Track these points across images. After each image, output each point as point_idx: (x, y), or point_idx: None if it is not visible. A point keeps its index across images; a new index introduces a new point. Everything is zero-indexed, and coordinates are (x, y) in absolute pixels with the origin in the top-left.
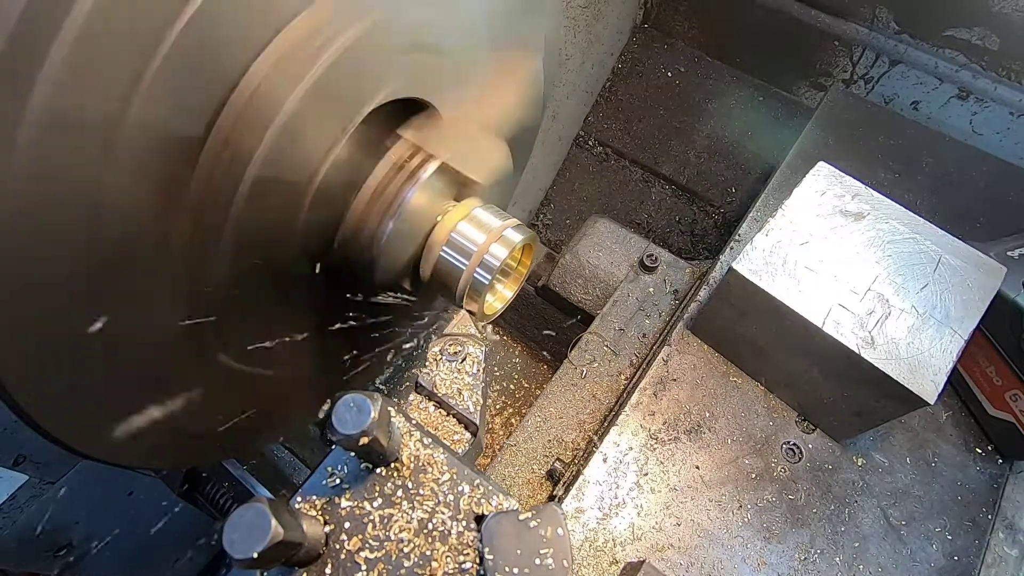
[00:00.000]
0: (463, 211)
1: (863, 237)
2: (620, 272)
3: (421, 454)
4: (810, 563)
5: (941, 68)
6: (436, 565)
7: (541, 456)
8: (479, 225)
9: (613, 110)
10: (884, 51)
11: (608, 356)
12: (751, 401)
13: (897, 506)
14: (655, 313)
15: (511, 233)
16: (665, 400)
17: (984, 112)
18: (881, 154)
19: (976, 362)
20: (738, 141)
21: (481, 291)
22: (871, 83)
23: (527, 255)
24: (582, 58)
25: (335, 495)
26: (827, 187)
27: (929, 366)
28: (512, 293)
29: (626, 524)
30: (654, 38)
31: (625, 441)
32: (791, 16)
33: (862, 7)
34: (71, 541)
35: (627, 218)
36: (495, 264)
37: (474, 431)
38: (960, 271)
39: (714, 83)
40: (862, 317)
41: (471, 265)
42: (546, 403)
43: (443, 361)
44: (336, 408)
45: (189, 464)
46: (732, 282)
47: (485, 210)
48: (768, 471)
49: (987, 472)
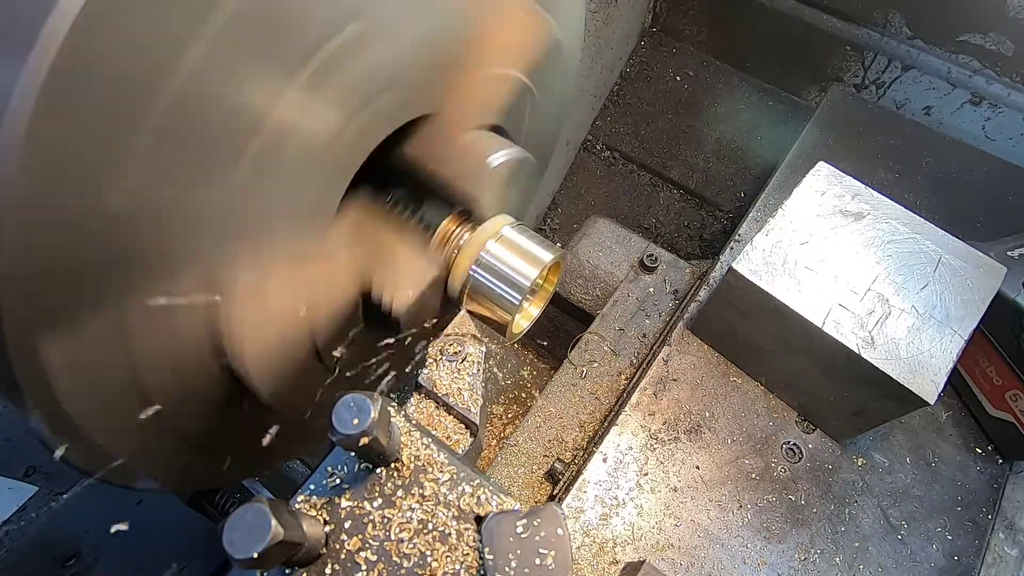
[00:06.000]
0: (495, 228)
1: (863, 237)
2: (620, 272)
3: (421, 454)
4: (810, 563)
5: (954, 73)
6: (436, 565)
7: (541, 456)
8: (509, 245)
9: (621, 114)
10: (896, 56)
11: (608, 356)
12: (751, 401)
13: (897, 506)
14: (655, 313)
15: (541, 253)
16: (665, 400)
17: (997, 117)
18: (881, 154)
19: (976, 362)
20: (747, 145)
21: (512, 312)
22: (883, 88)
23: (554, 273)
24: (591, 62)
25: (335, 495)
26: (827, 187)
27: (929, 366)
28: (539, 311)
29: (626, 524)
30: (663, 42)
31: (625, 441)
32: (802, 20)
33: (874, 12)
34: (79, 551)
35: (635, 222)
36: (526, 285)
37: (474, 431)
38: (960, 271)
39: (723, 87)
40: (862, 317)
41: (501, 285)
42: (546, 403)
43: (443, 361)
44: (336, 408)
45: (207, 486)
46: (732, 282)
47: (513, 229)
48: (768, 471)
49: (987, 472)
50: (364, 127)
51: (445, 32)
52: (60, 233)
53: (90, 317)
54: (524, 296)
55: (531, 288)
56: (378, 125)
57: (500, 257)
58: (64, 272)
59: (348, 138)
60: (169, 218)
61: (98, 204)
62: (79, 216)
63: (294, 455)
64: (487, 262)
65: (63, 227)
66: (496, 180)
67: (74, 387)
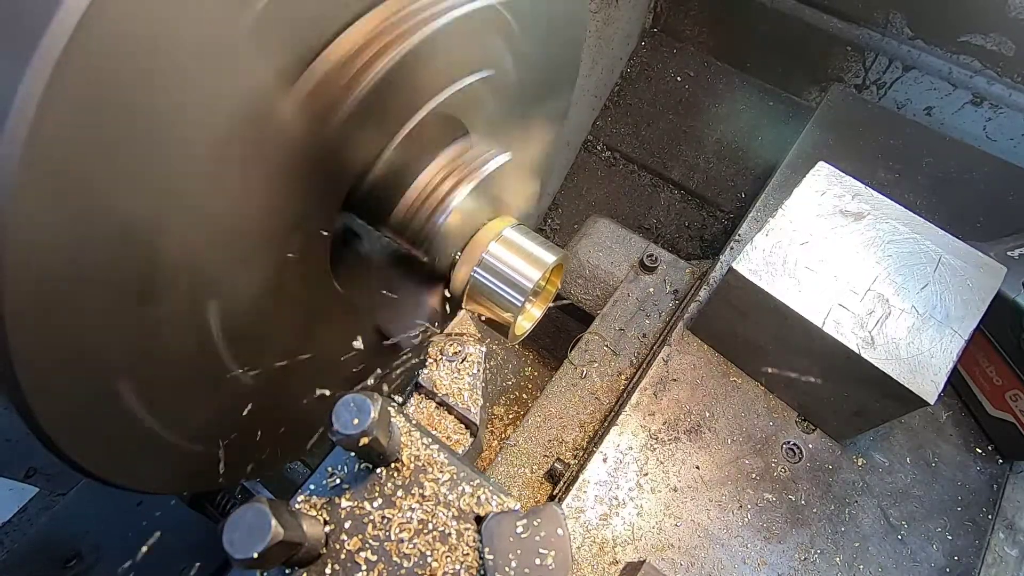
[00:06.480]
0: (495, 230)
1: (863, 237)
2: (620, 272)
3: (421, 454)
4: (810, 563)
5: (955, 74)
6: (436, 565)
7: (541, 456)
8: (511, 246)
9: (622, 114)
10: (897, 56)
11: (608, 356)
12: (751, 401)
13: (897, 506)
14: (655, 313)
15: (543, 254)
16: (665, 400)
17: (999, 118)
18: (881, 154)
19: (976, 362)
20: (748, 146)
21: (514, 313)
22: (883, 88)
23: (556, 274)
24: (591, 63)
25: (335, 495)
26: (827, 187)
27: (929, 366)
28: (541, 312)
29: (626, 524)
30: (663, 42)
31: (625, 441)
32: (802, 20)
33: (875, 12)
34: (80, 552)
35: (636, 223)
36: (528, 286)
37: (474, 431)
38: (960, 271)
39: (724, 88)
40: (862, 317)
41: (502, 287)
42: (546, 403)
43: (443, 361)
44: (336, 408)
45: (208, 488)
46: (732, 282)
47: (516, 230)
48: (768, 471)
49: (987, 472)
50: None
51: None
52: (63, 234)
53: (92, 317)
54: (526, 297)
55: (533, 289)
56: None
57: (502, 258)
58: (67, 273)
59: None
60: (175, 218)
61: (102, 205)
62: (83, 217)
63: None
64: (489, 263)
65: (66, 228)
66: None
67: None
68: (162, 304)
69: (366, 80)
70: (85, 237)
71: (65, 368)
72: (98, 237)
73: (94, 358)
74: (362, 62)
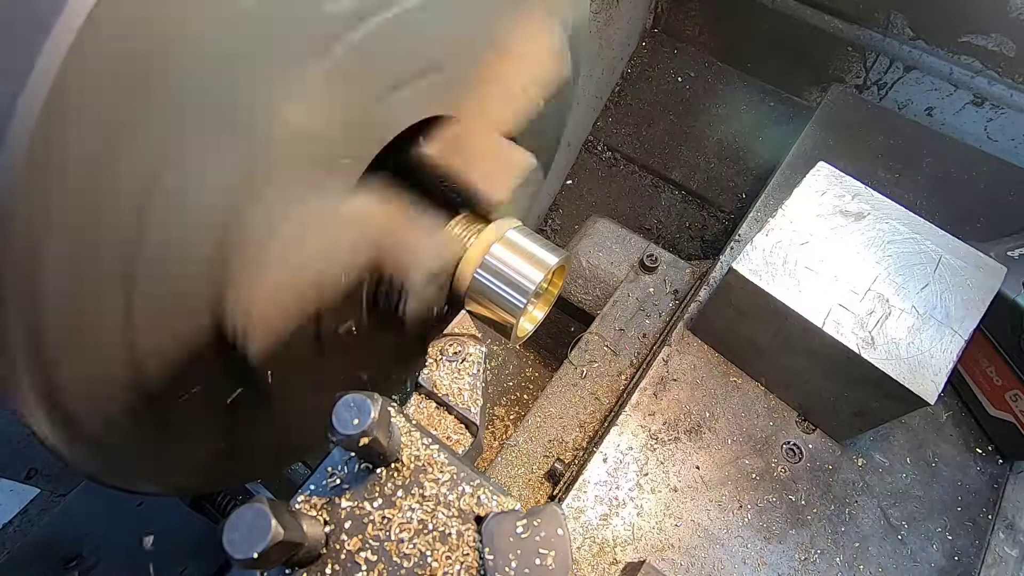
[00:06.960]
0: (495, 233)
1: (863, 237)
2: (620, 272)
3: (421, 454)
4: (810, 563)
5: (956, 74)
6: (436, 565)
7: (541, 456)
8: (512, 247)
9: (623, 115)
10: (898, 57)
11: (608, 356)
12: (751, 401)
13: (897, 506)
14: (655, 313)
15: (546, 255)
16: (665, 400)
17: (1000, 119)
18: (881, 154)
19: (976, 362)
20: (749, 146)
21: (516, 315)
22: (884, 89)
23: (558, 276)
24: (592, 63)
25: (335, 495)
26: (827, 187)
27: (929, 366)
28: (543, 314)
29: (626, 524)
30: (664, 43)
31: (625, 441)
32: (803, 21)
33: (876, 12)
34: (81, 553)
35: (636, 223)
36: (530, 288)
37: (474, 431)
38: (960, 271)
39: (724, 88)
40: (862, 317)
41: (504, 288)
42: (546, 403)
43: (443, 361)
44: (336, 408)
45: (213, 488)
46: (732, 282)
47: (518, 231)
48: (768, 471)
49: (987, 472)
50: (392, 109)
51: (480, 35)
52: (69, 220)
53: (96, 305)
54: (528, 299)
55: (535, 291)
56: (405, 111)
57: (504, 260)
58: (73, 261)
59: (376, 115)
60: (184, 186)
61: (112, 184)
62: (91, 202)
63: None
64: (491, 265)
65: (72, 214)
66: (517, 186)
67: (76, 384)
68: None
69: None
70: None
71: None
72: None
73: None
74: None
